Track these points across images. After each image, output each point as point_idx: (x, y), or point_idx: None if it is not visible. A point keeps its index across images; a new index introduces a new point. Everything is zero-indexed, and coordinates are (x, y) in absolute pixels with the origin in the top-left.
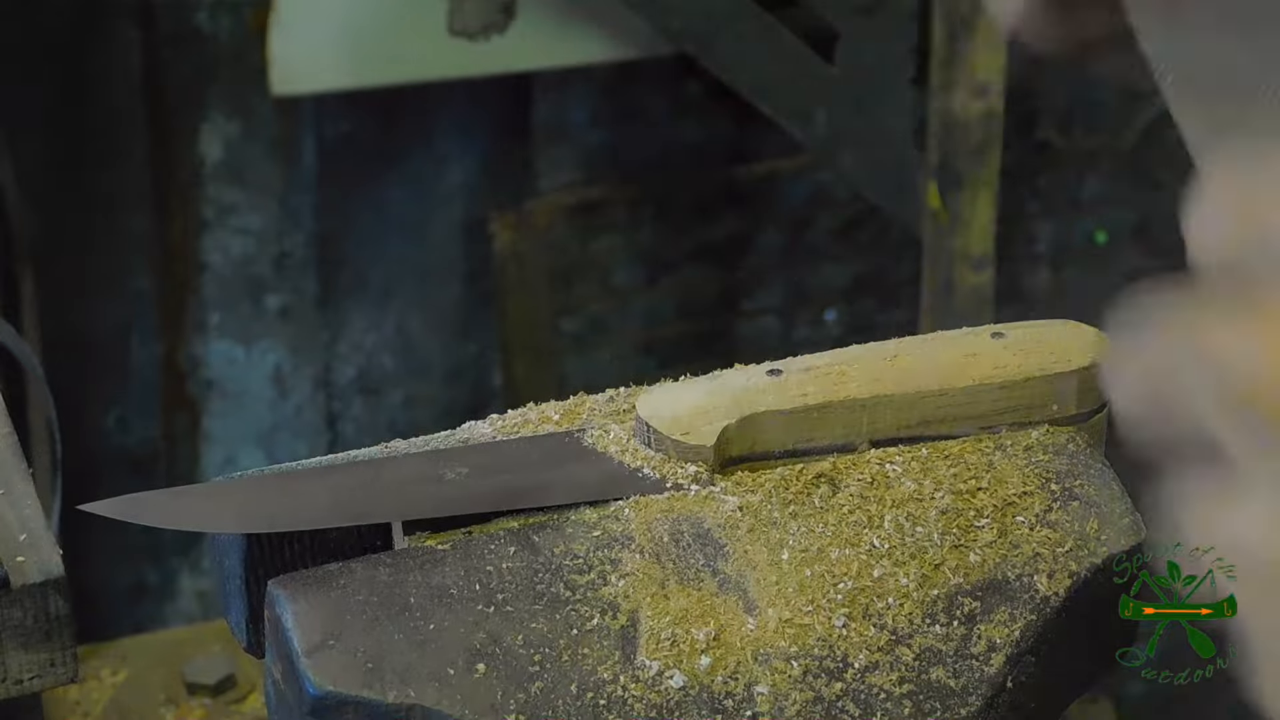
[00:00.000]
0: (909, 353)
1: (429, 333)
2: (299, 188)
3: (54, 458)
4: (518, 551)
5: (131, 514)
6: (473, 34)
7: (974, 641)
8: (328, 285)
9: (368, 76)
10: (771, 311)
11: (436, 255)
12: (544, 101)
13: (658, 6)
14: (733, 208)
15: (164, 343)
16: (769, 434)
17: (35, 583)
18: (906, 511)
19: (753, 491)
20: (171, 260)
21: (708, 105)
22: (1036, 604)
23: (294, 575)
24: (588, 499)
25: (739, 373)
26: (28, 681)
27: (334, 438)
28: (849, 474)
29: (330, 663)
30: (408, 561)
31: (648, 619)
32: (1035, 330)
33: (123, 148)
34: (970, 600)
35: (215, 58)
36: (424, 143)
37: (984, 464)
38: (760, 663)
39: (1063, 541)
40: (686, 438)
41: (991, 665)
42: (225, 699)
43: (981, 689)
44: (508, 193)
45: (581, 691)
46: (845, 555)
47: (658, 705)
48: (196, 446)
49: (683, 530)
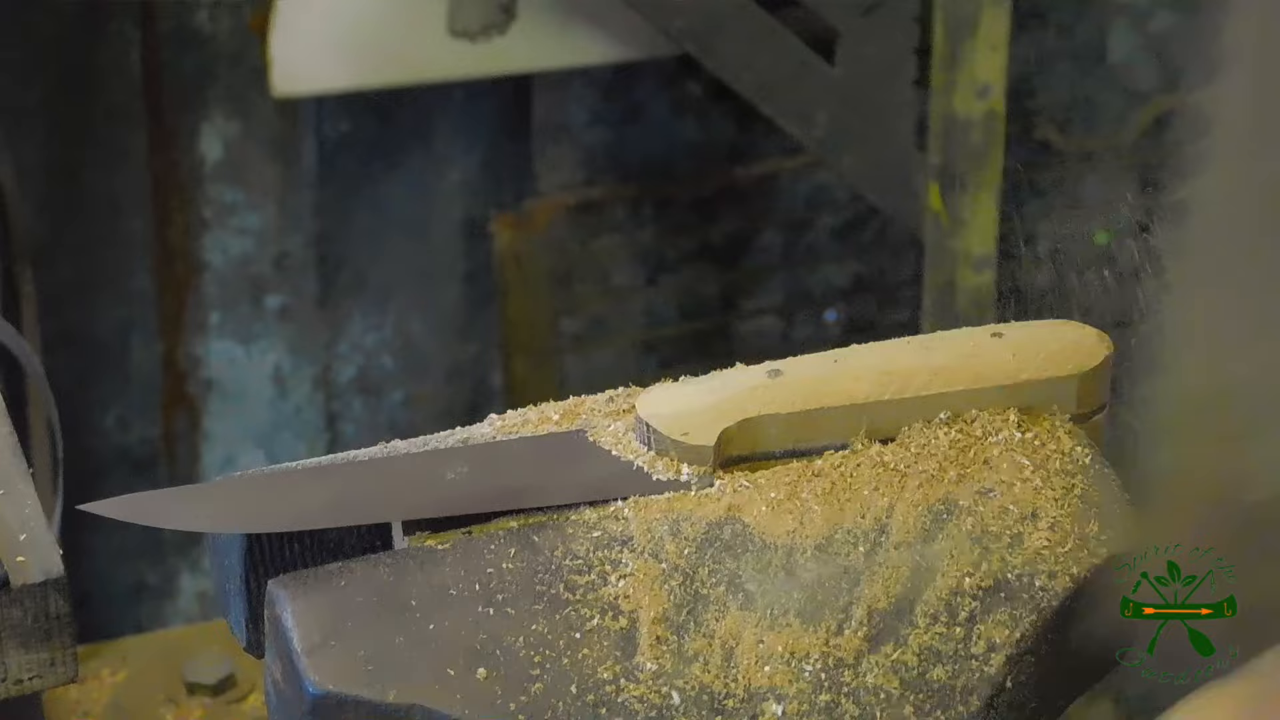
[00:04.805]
0: (909, 354)
1: (429, 333)
2: (299, 188)
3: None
4: (518, 552)
5: (132, 514)
6: (473, 35)
7: (974, 641)
8: (328, 285)
9: (368, 77)
10: (771, 311)
11: (436, 255)
12: (544, 102)
13: (659, 7)
14: (733, 208)
15: (164, 343)
16: (769, 434)
17: (35, 583)
18: (906, 511)
19: (753, 491)
20: (171, 260)
21: (708, 105)
22: (1036, 604)
23: (294, 575)
24: (588, 499)
25: (739, 373)
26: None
27: (334, 438)
28: (849, 474)
29: (330, 662)
30: (408, 561)
31: (648, 619)
32: (1035, 330)
33: (123, 148)
34: (970, 600)
35: (215, 58)
36: (424, 143)
37: (984, 464)
38: (761, 663)
39: (1063, 541)
40: (687, 438)
41: (991, 665)
42: (225, 699)
43: (981, 689)
44: (508, 193)
45: (581, 692)
46: (845, 554)
47: (658, 706)
48: (196, 446)
49: (683, 530)
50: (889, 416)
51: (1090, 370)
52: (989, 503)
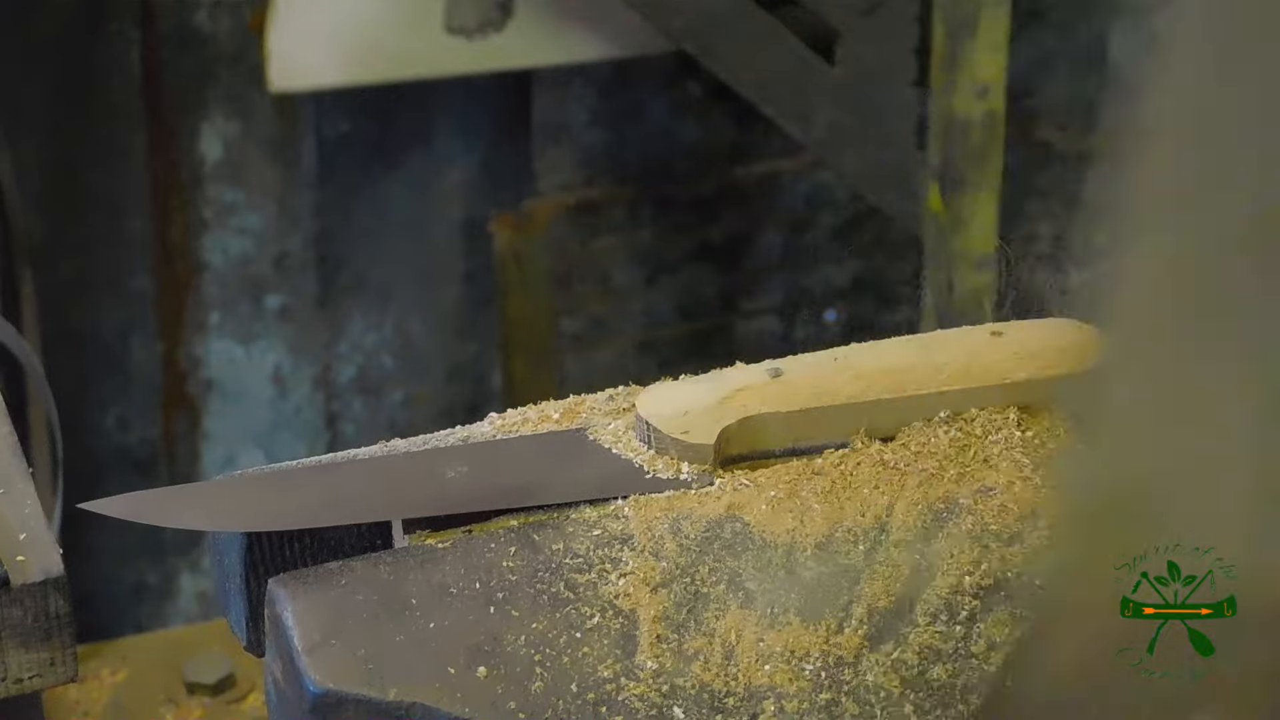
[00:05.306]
0: (909, 353)
1: (429, 333)
2: (299, 188)
3: (54, 457)
4: (518, 550)
5: (132, 513)
6: (469, 32)
7: (974, 640)
8: (328, 285)
9: (364, 73)
10: (771, 311)
11: (436, 255)
12: (544, 102)
13: (658, 6)
14: (733, 208)
15: (164, 343)
16: (769, 433)
17: (35, 582)
18: (906, 510)
19: (753, 490)
20: (171, 260)
21: (708, 105)
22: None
23: (294, 574)
24: (588, 498)
25: (739, 372)
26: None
27: (334, 438)
28: (849, 473)
29: (330, 661)
30: (408, 560)
31: (648, 618)
32: (1035, 330)
33: (123, 148)
34: (970, 599)
35: (215, 57)
36: (423, 143)
37: (984, 462)
38: (761, 661)
39: None
40: (687, 436)
41: (991, 664)
42: (225, 698)
43: (981, 688)
44: (508, 193)
45: (582, 690)
46: (845, 553)
47: (658, 705)
48: (196, 446)
49: (683, 529)
50: (889, 415)
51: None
52: (989, 501)
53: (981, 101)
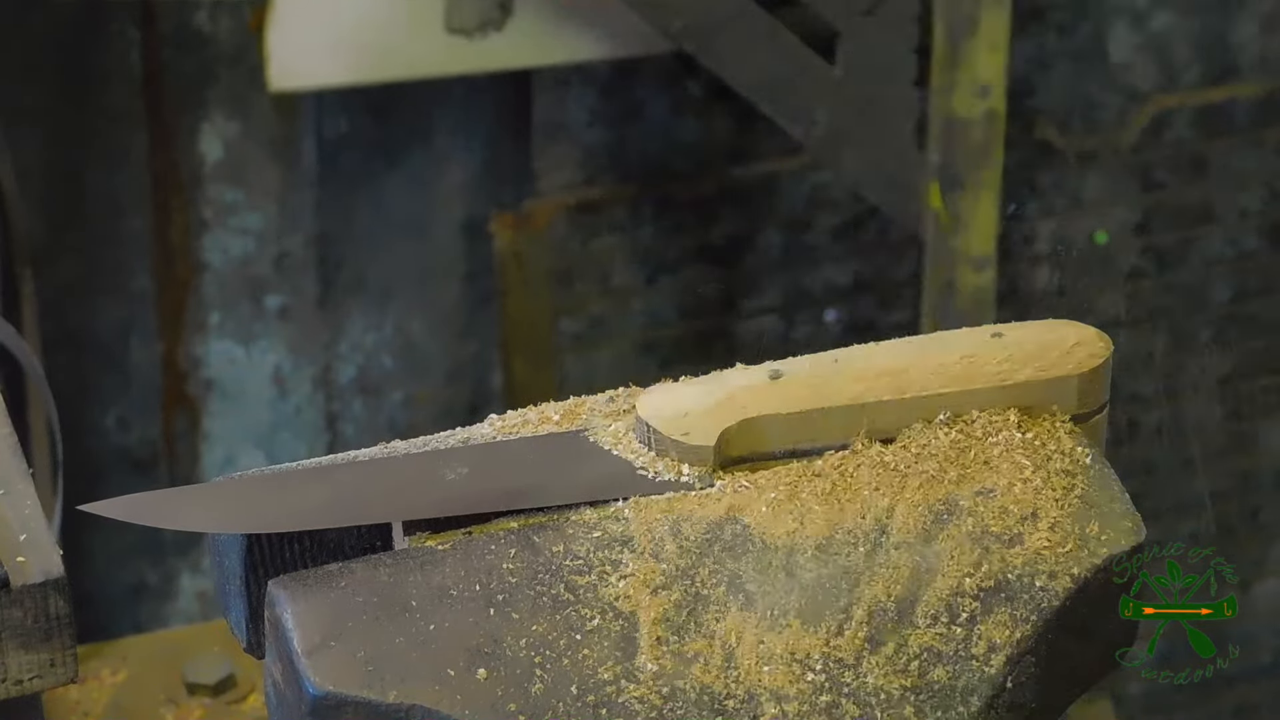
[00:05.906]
0: (909, 354)
1: (429, 333)
2: (299, 187)
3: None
4: (518, 552)
5: (132, 514)
6: (469, 31)
7: (974, 642)
8: (328, 285)
9: (364, 73)
10: (771, 311)
11: (436, 255)
12: (544, 101)
13: (658, 6)
14: (733, 208)
15: (164, 343)
16: (769, 435)
17: (35, 583)
18: (907, 512)
19: (753, 491)
20: (171, 260)
21: (708, 105)
22: (1037, 604)
23: (294, 575)
24: (588, 499)
25: (739, 373)
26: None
27: (334, 438)
28: (849, 474)
29: (330, 663)
30: (408, 562)
31: (648, 620)
32: (1035, 330)
33: (123, 148)
34: (971, 601)
35: (215, 57)
36: (424, 143)
37: (984, 464)
38: (761, 664)
39: (1063, 542)
40: (687, 438)
41: (991, 665)
42: (225, 699)
43: (981, 689)
44: (508, 193)
45: (582, 692)
46: (845, 555)
47: (658, 707)
48: (196, 446)
49: (683, 530)
50: (889, 417)
51: (1090, 370)
52: (989, 503)
53: (981, 101)
